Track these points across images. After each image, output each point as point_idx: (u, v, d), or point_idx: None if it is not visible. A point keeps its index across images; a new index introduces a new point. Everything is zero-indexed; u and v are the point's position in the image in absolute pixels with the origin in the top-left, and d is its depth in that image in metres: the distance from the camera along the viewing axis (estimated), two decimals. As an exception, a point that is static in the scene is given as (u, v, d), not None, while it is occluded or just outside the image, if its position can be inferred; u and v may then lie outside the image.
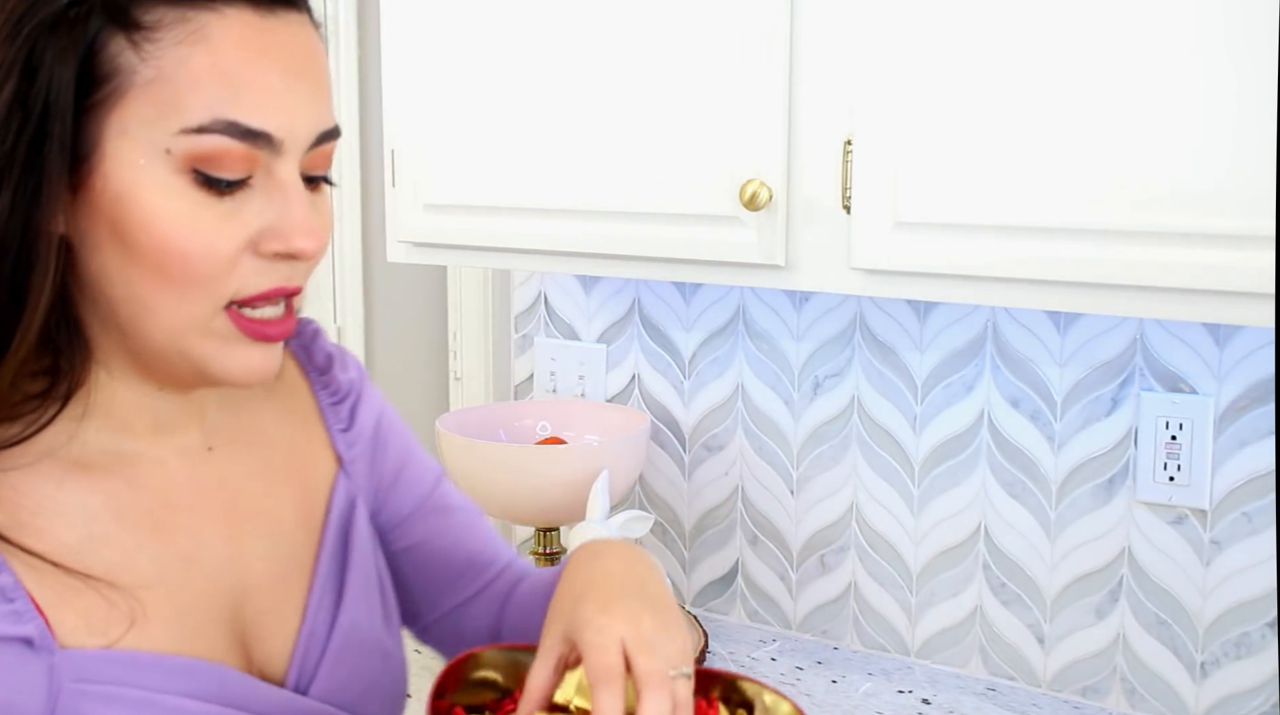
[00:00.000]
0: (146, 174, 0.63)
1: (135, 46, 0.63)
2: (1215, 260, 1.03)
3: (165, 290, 0.65)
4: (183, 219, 0.64)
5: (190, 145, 0.63)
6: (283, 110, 0.65)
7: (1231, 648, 1.37)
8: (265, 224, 0.66)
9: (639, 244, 1.35)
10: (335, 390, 0.87)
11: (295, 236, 0.66)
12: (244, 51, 0.64)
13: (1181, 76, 1.03)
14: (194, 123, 0.63)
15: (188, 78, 0.63)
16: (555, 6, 1.37)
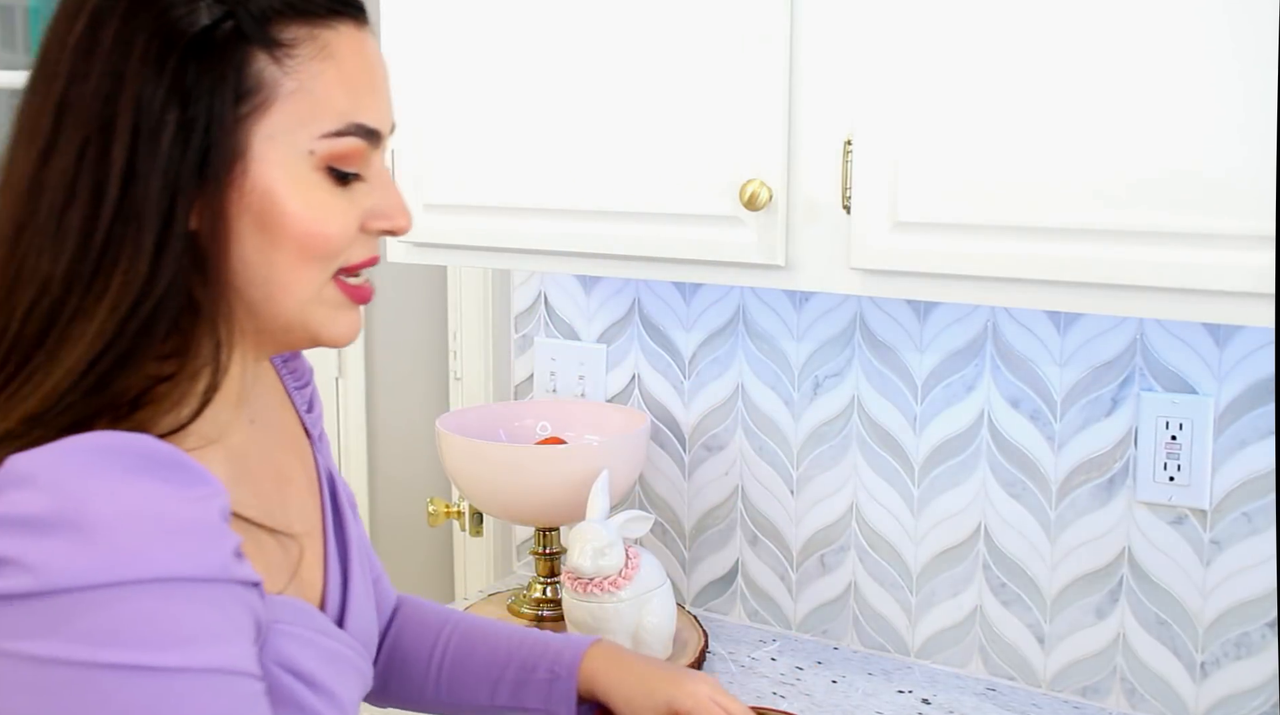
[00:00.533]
0: (291, 172, 0.73)
1: (278, 62, 0.72)
2: (1215, 260, 1.03)
3: (302, 268, 0.74)
4: (323, 208, 0.74)
5: (329, 147, 0.74)
6: (384, 111, 0.78)
7: (1231, 648, 1.37)
8: (371, 205, 0.78)
9: (639, 244, 1.35)
10: (298, 376, 0.97)
11: (397, 215, 0.79)
12: (358, 62, 0.76)
13: (1181, 76, 1.03)
14: (332, 128, 0.74)
15: (324, 89, 0.73)
16: (555, 7, 1.37)
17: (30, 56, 2.79)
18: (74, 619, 0.58)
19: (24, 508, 0.60)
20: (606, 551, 1.41)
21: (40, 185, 0.68)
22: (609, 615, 1.42)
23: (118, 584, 0.59)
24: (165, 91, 0.68)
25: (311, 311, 0.76)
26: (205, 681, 0.61)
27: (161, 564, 0.60)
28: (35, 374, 0.66)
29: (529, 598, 1.66)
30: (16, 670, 0.58)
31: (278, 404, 0.92)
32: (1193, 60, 1.02)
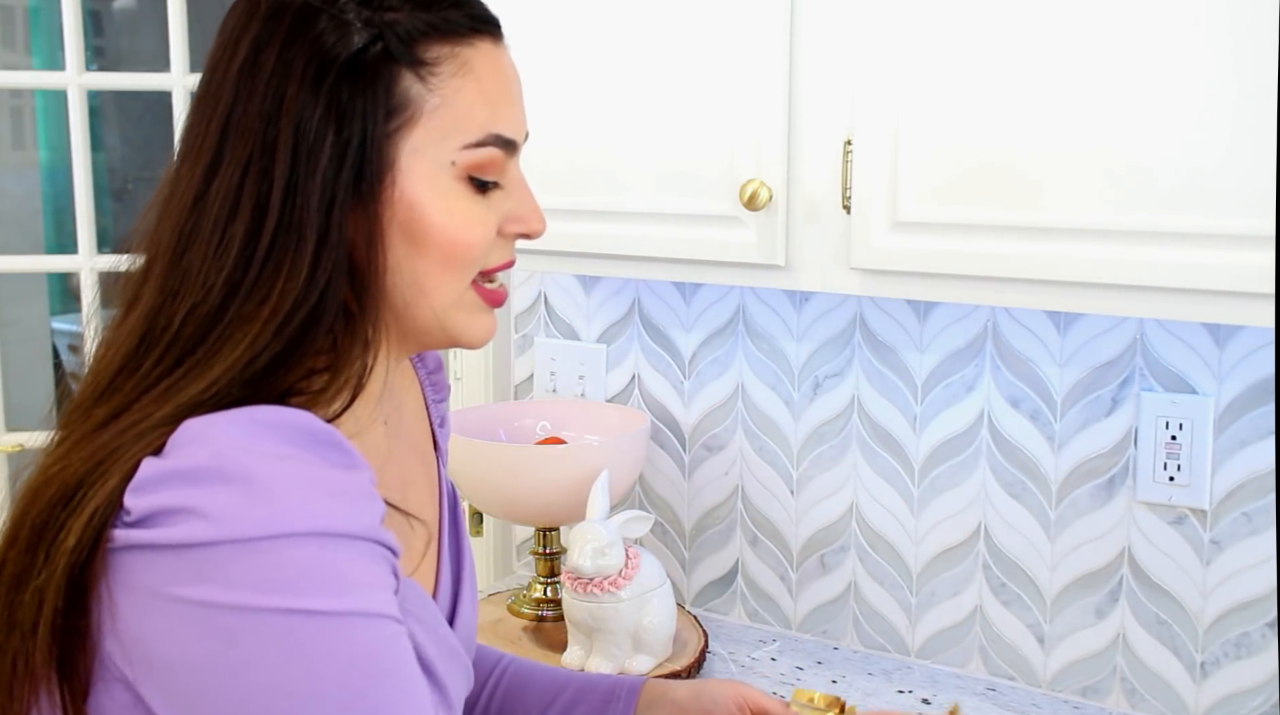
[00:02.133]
0: (435, 183, 0.76)
1: (422, 80, 0.76)
2: (1215, 260, 1.03)
3: (446, 273, 0.78)
4: (465, 216, 0.78)
5: (470, 157, 0.77)
6: (518, 120, 0.81)
7: (1231, 648, 1.37)
8: (508, 210, 0.81)
9: (639, 244, 1.35)
10: (438, 389, 1.00)
11: (533, 220, 0.83)
12: (495, 76, 0.79)
13: (1181, 76, 1.03)
14: (473, 139, 0.77)
15: (464, 103, 0.77)
16: (555, 7, 1.37)
17: (30, 56, 2.78)
18: (244, 567, 0.63)
19: (195, 462, 0.65)
20: (606, 551, 1.41)
21: (205, 199, 0.73)
22: (609, 615, 1.42)
23: (285, 536, 0.64)
24: (322, 112, 0.73)
25: (451, 315, 0.80)
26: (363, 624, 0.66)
27: (323, 520, 0.65)
28: (193, 370, 0.71)
29: (529, 598, 1.66)
30: (188, 615, 0.63)
31: (413, 412, 0.94)
32: (1193, 61, 1.02)
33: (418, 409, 0.96)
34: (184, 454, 0.66)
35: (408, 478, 0.90)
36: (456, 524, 0.96)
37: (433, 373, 1.00)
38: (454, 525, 0.95)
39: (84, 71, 1.86)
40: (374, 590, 0.67)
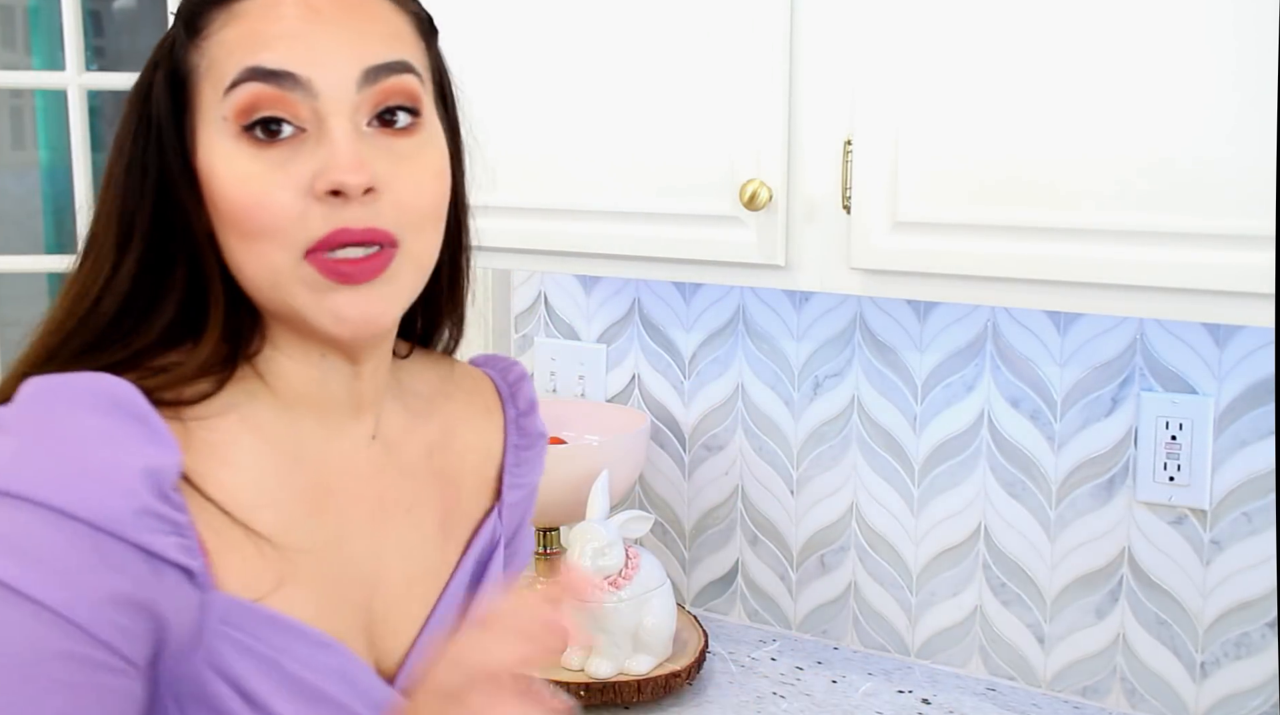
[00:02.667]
0: (217, 147, 0.71)
1: (198, 48, 0.72)
2: (1215, 260, 1.03)
3: (247, 247, 0.71)
4: (241, 176, 0.70)
5: (232, 103, 0.69)
6: (304, 50, 0.70)
7: (1231, 648, 1.37)
8: (316, 166, 0.69)
9: (639, 244, 1.35)
10: (526, 437, 0.91)
11: (334, 170, 0.69)
12: (265, 13, 0.71)
13: (1181, 76, 1.03)
14: (229, 80, 0.70)
15: (226, 50, 0.70)
16: (555, 7, 1.37)
17: (30, 56, 2.78)
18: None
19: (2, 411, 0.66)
20: (606, 551, 1.41)
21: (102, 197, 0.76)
22: (609, 615, 1.42)
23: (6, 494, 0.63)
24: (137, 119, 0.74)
25: (290, 296, 0.71)
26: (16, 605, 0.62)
27: (55, 493, 0.63)
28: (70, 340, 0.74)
29: (529, 598, 1.66)
30: None
31: (466, 444, 0.88)
32: (1193, 61, 1.02)
33: (482, 447, 0.89)
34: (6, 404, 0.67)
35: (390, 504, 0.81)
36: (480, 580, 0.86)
37: (522, 416, 0.92)
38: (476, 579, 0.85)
39: (84, 71, 1.86)
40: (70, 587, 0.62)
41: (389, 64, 0.72)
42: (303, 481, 0.76)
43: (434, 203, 0.74)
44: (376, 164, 0.70)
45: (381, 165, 0.71)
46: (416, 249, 0.73)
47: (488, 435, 0.90)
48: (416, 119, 0.73)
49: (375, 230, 0.70)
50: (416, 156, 0.73)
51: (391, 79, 0.72)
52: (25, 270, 2.11)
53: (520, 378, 0.93)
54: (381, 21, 0.74)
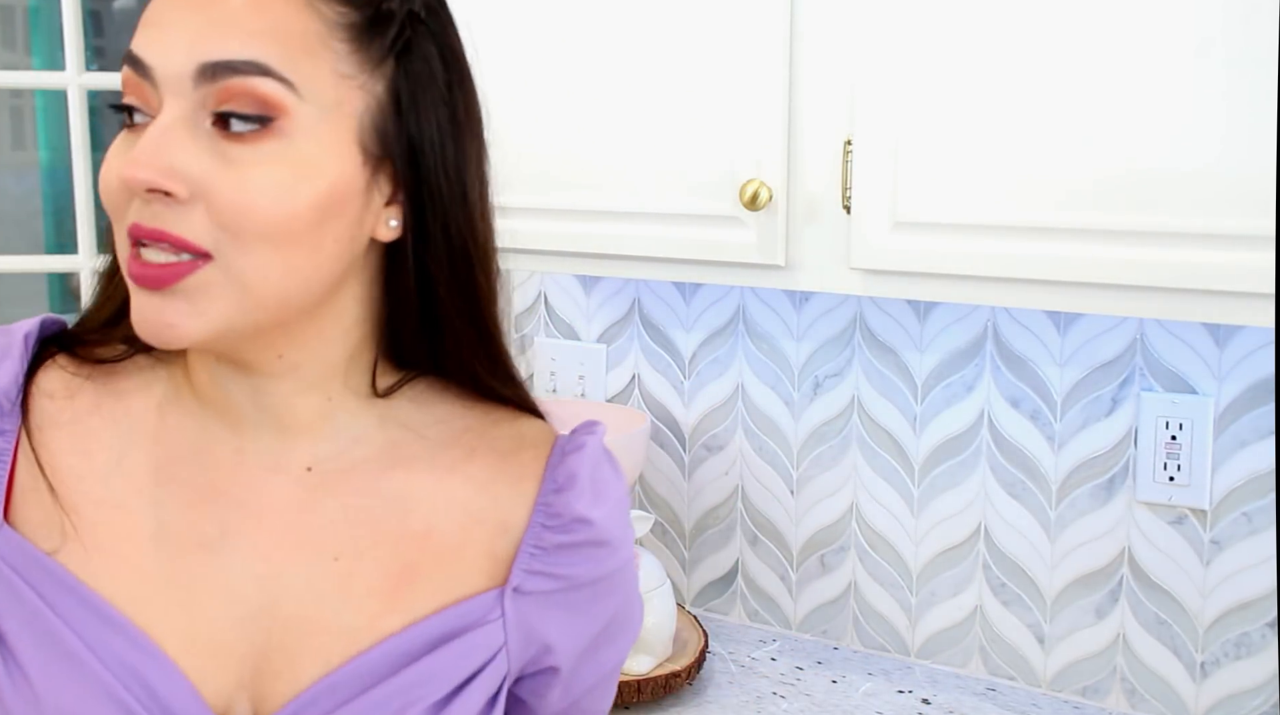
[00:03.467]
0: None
1: None
2: (1215, 260, 1.03)
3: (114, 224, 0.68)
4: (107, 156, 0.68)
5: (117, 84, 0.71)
6: (156, 38, 0.66)
7: (1231, 648, 1.37)
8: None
9: (639, 244, 1.35)
10: (556, 518, 0.77)
11: (125, 164, 0.64)
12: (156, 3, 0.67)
13: (1181, 76, 1.03)
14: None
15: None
16: (555, 7, 1.37)
17: (30, 56, 2.76)
18: None
19: None
20: (606, 551, 1.41)
21: None
22: (609, 615, 1.42)
23: None
24: None
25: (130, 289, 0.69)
26: None
27: None
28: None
29: (529, 598, 1.66)
30: None
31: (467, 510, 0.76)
32: (1193, 60, 1.02)
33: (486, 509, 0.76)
34: None
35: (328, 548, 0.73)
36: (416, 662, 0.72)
37: (559, 491, 0.77)
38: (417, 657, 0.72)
39: (84, 71, 1.86)
40: None
41: (231, 63, 0.64)
42: (185, 475, 0.72)
43: (262, 221, 0.65)
44: (191, 165, 0.64)
45: (198, 168, 0.64)
46: (238, 267, 0.65)
47: (508, 506, 0.77)
48: (263, 127, 0.65)
49: (167, 234, 0.64)
50: (249, 165, 0.65)
51: (234, 79, 0.64)
52: (25, 270, 2.10)
53: (577, 449, 0.79)
54: (259, 12, 0.66)
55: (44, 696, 0.67)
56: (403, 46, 0.70)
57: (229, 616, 0.71)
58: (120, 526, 0.71)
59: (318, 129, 0.67)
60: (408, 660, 0.72)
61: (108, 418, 0.74)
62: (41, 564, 0.69)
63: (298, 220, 0.66)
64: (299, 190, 0.66)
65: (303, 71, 0.66)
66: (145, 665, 0.68)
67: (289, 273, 0.67)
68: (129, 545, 0.71)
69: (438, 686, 0.72)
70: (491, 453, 0.78)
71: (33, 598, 0.68)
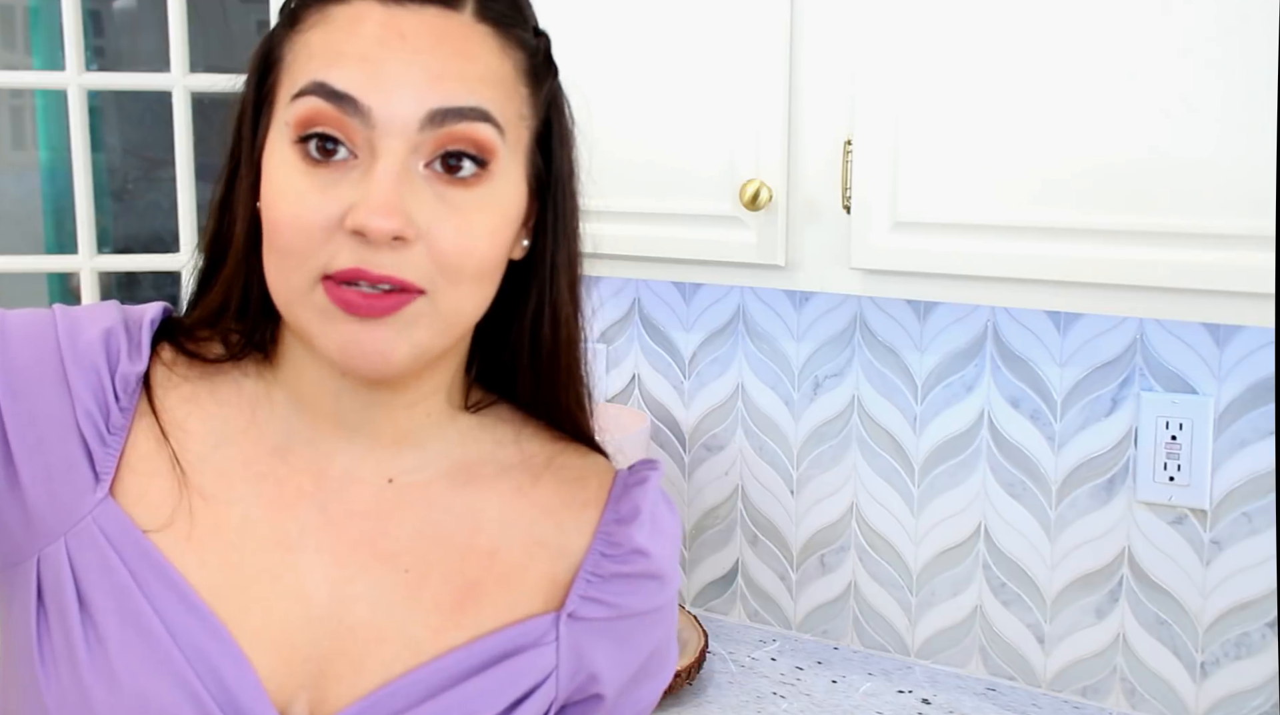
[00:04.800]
0: (275, 147, 0.69)
1: (289, 40, 0.70)
2: (1215, 260, 1.03)
3: (274, 258, 0.69)
4: (286, 187, 0.67)
5: (294, 111, 0.67)
6: (374, 79, 0.66)
7: (1231, 648, 1.37)
8: (355, 198, 0.66)
9: (639, 244, 1.35)
10: (616, 547, 0.79)
11: (364, 211, 0.65)
12: (350, 26, 0.68)
13: (1181, 77, 1.03)
14: (297, 88, 0.68)
15: (306, 54, 0.69)
16: (555, 7, 1.37)
17: (30, 56, 2.77)
18: None
19: None
20: (606, 551, 1.41)
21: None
22: (609, 615, 1.42)
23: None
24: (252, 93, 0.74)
25: (299, 315, 0.69)
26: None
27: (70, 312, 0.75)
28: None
29: (529, 598, 1.66)
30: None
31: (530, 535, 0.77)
32: (1192, 62, 1.02)
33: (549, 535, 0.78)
34: None
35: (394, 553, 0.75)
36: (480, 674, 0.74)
37: (621, 521, 0.79)
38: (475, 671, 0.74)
39: (84, 71, 1.86)
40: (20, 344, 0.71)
41: (460, 109, 0.67)
42: (272, 474, 0.74)
43: (477, 262, 0.69)
44: (420, 211, 0.67)
45: (426, 213, 0.67)
46: (446, 301, 0.68)
47: (569, 533, 0.79)
48: (483, 170, 0.69)
49: (396, 279, 0.66)
50: (471, 210, 0.68)
51: (461, 125, 0.67)
52: (25, 270, 2.10)
53: (640, 483, 0.81)
54: (472, 59, 0.69)
55: (120, 671, 0.68)
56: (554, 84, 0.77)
57: (300, 617, 0.73)
58: (209, 517, 0.73)
59: (511, 170, 0.71)
60: (465, 675, 0.74)
61: (202, 412, 0.75)
62: (138, 542, 0.70)
63: (500, 258, 0.72)
64: (504, 231, 0.71)
65: (505, 116, 0.70)
66: (218, 655, 0.70)
67: (480, 304, 0.72)
68: (215, 536, 0.72)
69: (490, 704, 0.74)
70: (557, 480, 0.80)
71: (124, 574, 0.70)
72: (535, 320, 0.78)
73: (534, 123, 0.74)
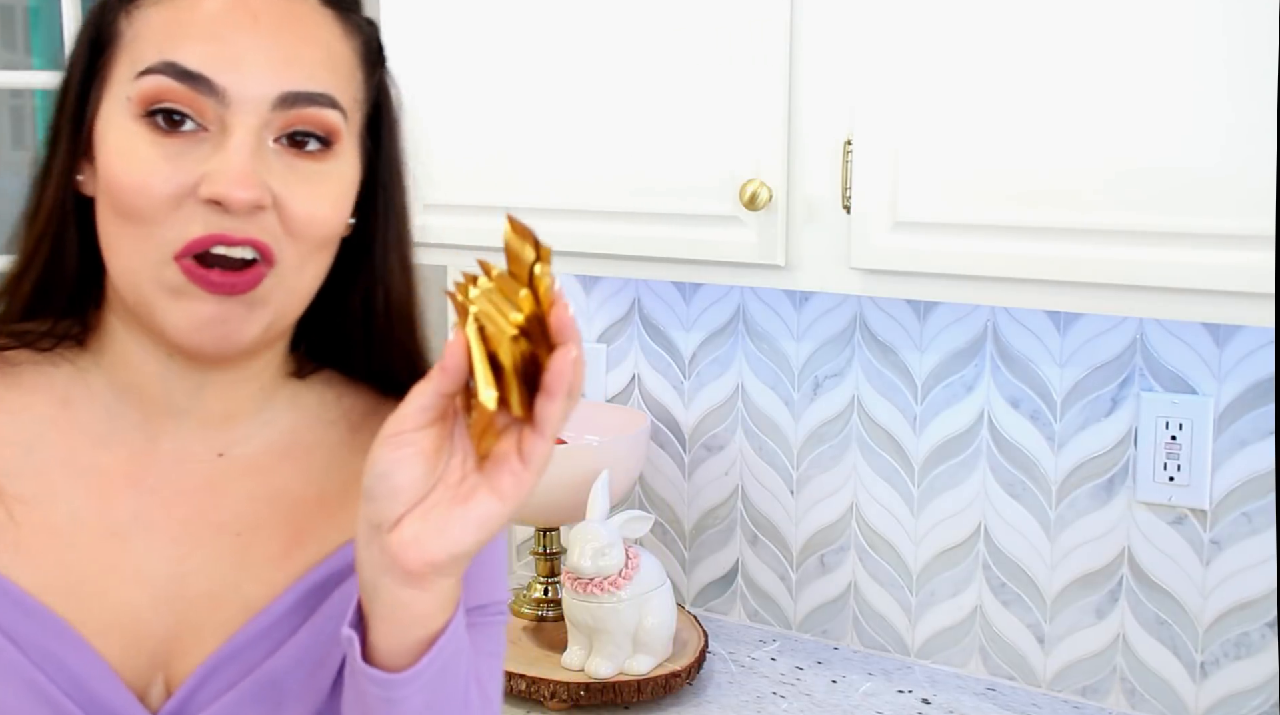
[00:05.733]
0: (115, 122, 0.70)
1: (127, 15, 0.71)
2: (1215, 260, 1.03)
3: (122, 229, 0.70)
4: (131, 157, 0.69)
5: (140, 88, 0.69)
6: (227, 60, 0.69)
7: (1231, 648, 1.37)
8: (207, 169, 0.68)
9: (639, 244, 1.35)
10: None
11: (222, 181, 0.67)
12: (198, 5, 0.70)
13: (1181, 77, 1.03)
14: (143, 65, 0.69)
15: (151, 31, 0.70)
16: (556, 7, 1.37)
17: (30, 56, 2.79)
18: None
19: None
20: (606, 551, 1.41)
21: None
22: (609, 615, 1.42)
23: None
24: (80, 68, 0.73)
25: (148, 292, 0.70)
26: None
27: None
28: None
29: (529, 598, 1.66)
30: None
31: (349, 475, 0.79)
32: (1192, 60, 1.02)
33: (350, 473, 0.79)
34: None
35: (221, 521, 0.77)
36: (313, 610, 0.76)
37: None
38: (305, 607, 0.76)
39: (84, 71, 1.86)
40: None
41: (310, 94, 0.71)
42: (97, 465, 0.75)
43: (323, 230, 0.72)
44: (272, 180, 0.69)
45: (277, 182, 0.70)
46: (292, 274, 0.71)
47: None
48: (326, 148, 0.72)
49: (255, 241, 0.69)
50: (318, 180, 0.72)
51: (311, 109, 0.71)
52: (25, 270, 2.10)
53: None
54: (319, 45, 0.72)
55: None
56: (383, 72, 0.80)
57: (143, 600, 0.74)
58: (34, 519, 0.73)
59: (349, 148, 0.75)
60: (301, 615, 0.76)
61: (7, 414, 0.75)
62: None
63: (340, 229, 0.75)
64: (346, 203, 0.75)
65: (346, 99, 0.74)
66: (65, 652, 0.71)
67: (319, 276, 0.75)
68: (44, 537, 0.73)
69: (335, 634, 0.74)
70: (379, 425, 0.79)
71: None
72: (368, 295, 0.80)
73: (367, 107, 0.78)
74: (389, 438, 0.65)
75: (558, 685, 1.43)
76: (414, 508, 0.65)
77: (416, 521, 0.65)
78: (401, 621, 0.66)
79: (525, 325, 0.67)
